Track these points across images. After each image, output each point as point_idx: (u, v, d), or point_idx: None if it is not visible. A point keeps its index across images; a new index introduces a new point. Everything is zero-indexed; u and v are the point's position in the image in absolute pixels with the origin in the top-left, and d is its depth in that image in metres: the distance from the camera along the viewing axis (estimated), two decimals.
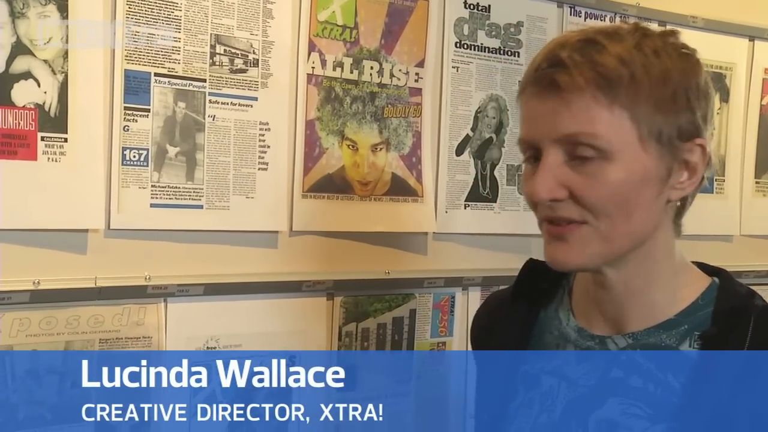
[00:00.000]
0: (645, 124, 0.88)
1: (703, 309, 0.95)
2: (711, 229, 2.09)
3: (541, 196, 0.89)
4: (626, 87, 0.87)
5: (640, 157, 0.89)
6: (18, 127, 1.29)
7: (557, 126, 0.89)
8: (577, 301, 1.03)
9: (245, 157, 1.48)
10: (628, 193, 0.89)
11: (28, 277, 1.31)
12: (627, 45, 0.89)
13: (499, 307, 1.11)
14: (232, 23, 1.46)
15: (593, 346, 0.99)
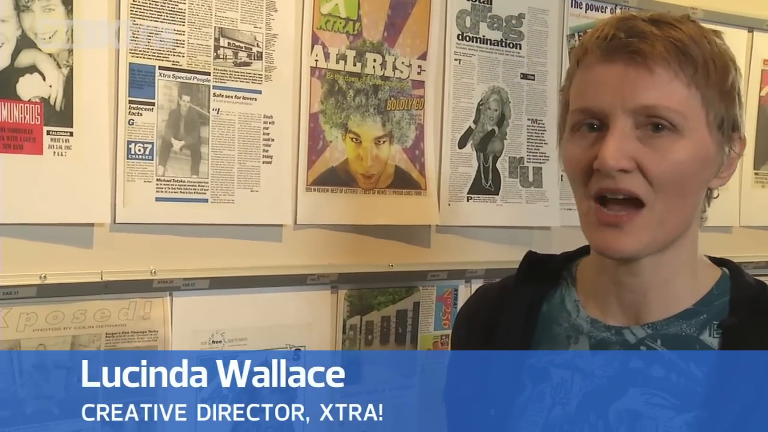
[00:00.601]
0: (712, 109, 0.90)
1: (719, 299, 0.96)
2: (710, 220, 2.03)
3: (611, 165, 0.88)
4: (701, 68, 0.88)
5: (705, 139, 0.90)
6: (24, 121, 1.28)
7: (636, 95, 0.89)
8: (585, 293, 1.03)
9: (250, 150, 1.48)
10: (690, 172, 0.89)
11: (35, 271, 1.30)
12: (694, 30, 0.89)
13: (497, 299, 1.09)
14: (235, 16, 1.46)
15: (609, 338, 0.98)
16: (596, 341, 0.99)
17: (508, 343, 1.04)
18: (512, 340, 1.04)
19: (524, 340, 1.03)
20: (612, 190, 0.90)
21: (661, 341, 0.95)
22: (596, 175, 0.91)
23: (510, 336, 1.04)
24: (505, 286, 1.10)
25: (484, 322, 1.08)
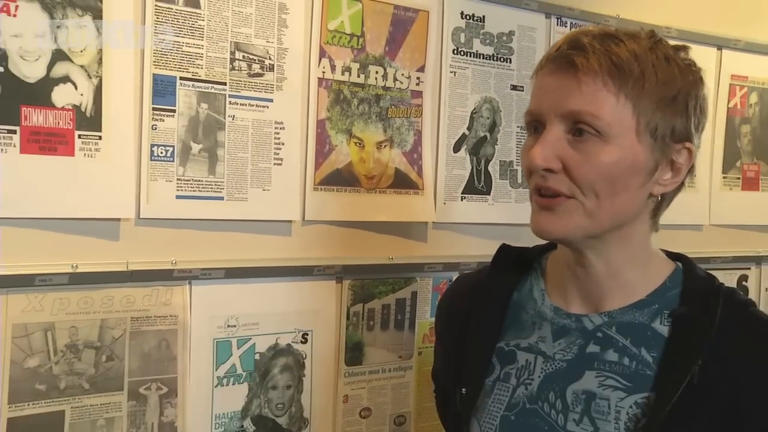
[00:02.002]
0: (645, 117, 0.87)
1: (671, 290, 0.95)
2: (683, 219, 2.08)
3: (537, 164, 0.88)
4: (635, 80, 0.86)
5: (633, 145, 0.88)
6: (58, 126, 1.28)
7: (565, 102, 0.88)
8: (551, 282, 1.02)
9: (262, 153, 1.47)
10: (617, 175, 0.88)
11: (67, 261, 1.30)
12: (642, 45, 0.88)
13: (473, 289, 1.08)
14: (250, 32, 1.44)
15: (570, 324, 0.98)
16: (558, 327, 0.98)
17: (482, 328, 1.03)
18: (485, 325, 1.03)
19: (496, 325, 1.03)
20: (543, 188, 0.91)
21: (616, 328, 0.95)
22: (534, 173, 0.91)
23: (484, 322, 1.04)
24: (480, 276, 1.10)
25: (461, 309, 1.08)
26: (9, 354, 1.26)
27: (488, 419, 0.99)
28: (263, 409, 1.51)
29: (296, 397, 1.56)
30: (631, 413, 0.90)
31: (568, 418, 0.93)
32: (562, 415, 0.94)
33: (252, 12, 1.44)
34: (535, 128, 0.92)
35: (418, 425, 1.72)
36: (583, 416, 0.93)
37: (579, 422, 0.93)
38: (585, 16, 1.89)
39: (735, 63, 2.15)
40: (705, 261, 2.06)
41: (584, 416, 0.93)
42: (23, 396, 1.27)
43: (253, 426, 1.50)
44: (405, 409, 1.71)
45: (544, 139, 0.89)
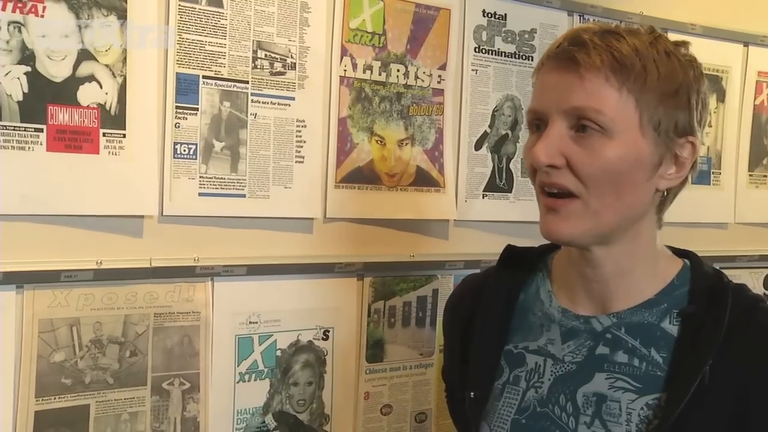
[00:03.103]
0: (647, 112, 0.86)
1: (679, 288, 0.93)
2: (708, 217, 2.06)
3: (541, 161, 0.87)
4: (637, 75, 0.85)
5: (637, 140, 0.87)
6: (83, 125, 1.29)
7: (568, 98, 0.87)
8: (557, 284, 1.00)
9: (284, 151, 1.47)
10: (621, 171, 0.86)
11: (92, 257, 1.31)
12: (643, 41, 0.87)
13: (480, 289, 1.05)
14: (272, 31, 1.44)
15: (578, 326, 0.96)
16: (566, 329, 0.97)
17: (488, 330, 1.02)
18: (492, 327, 1.01)
19: (503, 327, 1.01)
20: (547, 184, 0.89)
21: (625, 329, 0.93)
22: (538, 170, 0.89)
23: (490, 323, 1.02)
24: (487, 276, 1.07)
25: (466, 310, 1.06)
26: (36, 349, 1.27)
27: (499, 423, 0.98)
28: (284, 405, 1.51)
29: (317, 393, 1.55)
30: (642, 415, 0.88)
31: (579, 420, 0.92)
32: (573, 418, 0.93)
33: (274, 11, 1.44)
34: (537, 126, 0.91)
35: (438, 422, 1.71)
36: (594, 419, 0.91)
37: (590, 425, 0.91)
38: (608, 14, 1.87)
39: (762, 59, 2.12)
40: (730, 260, 2.02)
41: (595, 419, 0.91)
42: (50, 390, 1.28)
43: (275, 422, 1.50)
44: (426, 406, 1.70)
45: (547, 136, 0.88)
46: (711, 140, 2.06)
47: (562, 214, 0.89)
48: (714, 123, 2.07)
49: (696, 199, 2.01)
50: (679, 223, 1.92)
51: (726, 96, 2.08)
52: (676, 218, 2.12)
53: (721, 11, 2.05)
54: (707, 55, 2.01)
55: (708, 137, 2.06)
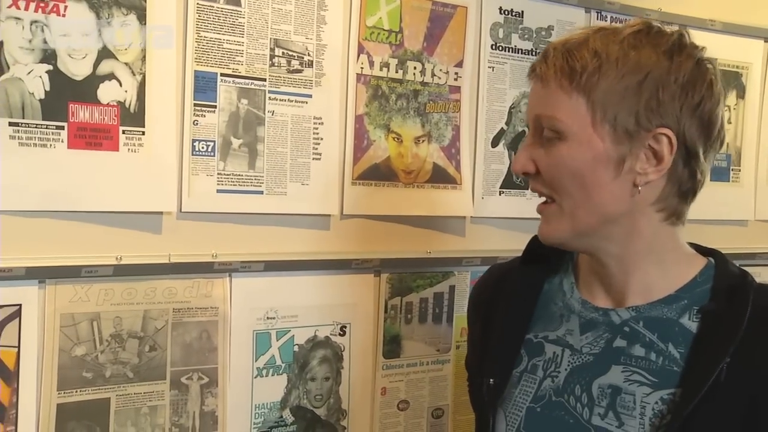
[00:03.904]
0: (600, 108, 0.86)
1: (701, 286, 0.92)
2: (728, 214, 2.03)
3: (515, 169, 0.93)
4: (589, 75, 0.86)
5: (591, 139, 0.87)
6: (103, 122, 1.29)
7: (533, 108, 0.92)
8: (581, 274, 1.00)
9: (301, 148, 1.47)
10: (580, 171, 0.87)
11: (112, 253, 1.32)
12: (613, 39, 0.87)
13: (504, 278, 1.07)
14: (289, 29, 1.44)
15: (597, 318, 0.96)
16: (585, 321, 0.97)
17: (511, 319, 1.02)
18: (515, 316, 1.02)
19: (525, 317, 1.02)
20: (531, 190, 0.95)
21: (644, 323, 0.92)
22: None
23: (513, 312, 1.03)
24: (512, 266, 1.08)
25: (489, 298, 1.07)
26: (57, 342, 1.28)
27: (514, 410, 0.98)
28: (302, 400, 1.51)
29: (334, 388, 1.54)
30: (656, 409, 0.88)
31: (594, 412, 0.92)
32: (588, 408, 0.92)
33: (291, 9, 1.44)
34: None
35: (455, 418, 1.70)
36: (608, 410, 0.91)
37: (604, 416, 0.91)
38: (625, 10, 1.85)
39: None
40: (750, 257, 1.99)
41: (609, 410, 0.91)
42: (71, 383, 1.29)
43: (292, 416, 1.50)
44: (443, 402, 1.69)
45: (522, 145, 0.94)
46: (731, 137, 2.03)
47: (545, 218, 0.93)
48: (734, 120, 2.03)
49: (715, 196, 1.98)
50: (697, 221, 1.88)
51: (746, 92, 2.05)
52: (694, 215, 2.09)
53: (741, 7, 2.02)
54: (727, 52, 1.98)
55: (728, 134, 2.01)
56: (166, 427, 1.37)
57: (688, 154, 0.88)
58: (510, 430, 0.98)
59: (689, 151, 0.87)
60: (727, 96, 1.97)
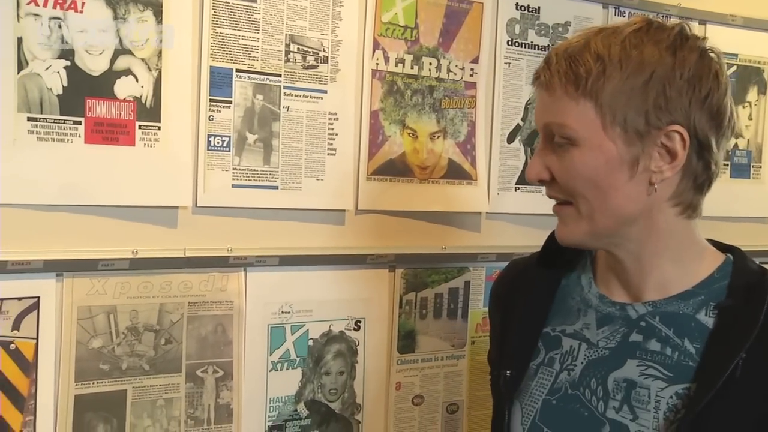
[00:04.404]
0: (609, 111, 0.85)
1: (719, 282, 0.91)
2: (748, 211, 2.00)
3: (530, 177, 0.92)
4: (594, 79, 0.85)
5: (603, 143, 0.86)
6: (119, 117, 1.29)
7: (541, 116, 0.90)
8: (599, 270, 1.00)
9: (316, 143, 1.45)
10: (594, 176, 0.86)
11: (128, 247, 1.31)
12: (614, 40, 0.86)
13: (523, 273, 1.07)
14: (304, 24, 1.42)
15: (614, 312, 0.95)
16: (602, 315, 0.96)
17: (529, 312, 1.02)
18: (533, 309, 1.02)
19: (543, 310, 1.02)
20: (548, 196, 0.94)
21: (660, 318, 0.92)
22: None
23: (531, 306, 1.02)
24: (531, 261, 1.08)
25: (508, 292, 1.08)
26: (75, 335, 1.28)
27: (530, 402, 0.98)
28: (317, 394, 1.49)
29: (349, 383, 1.53)
30: (671, 403, 0.87)
31: (609, 405, 0.91)
32: (603, 402, 0.92)
33: (307, 5, 1.42)
34: None
35: (470, 414, 1.68)
36: (623, 404, 0.90)
37: (619, 410, 0.90)
38: (644, 6, 1.81)
39: None
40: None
41: (624, 404, 0.90)
42: (88, 375, 1.29)
43: (307, 410, 1.49)
44: (458, 397, 1.67)
45: (536, 153, 0.91)
46: (751, 133, 1.98)
47: (562, 220, 0.92)
48: (754, 116, 1.98)
49: (736, 192, 1.94)
50: (717, 217, 1.87)
51: (767, 88, 1.98)
52: (714, 212, 2.04)
53: (762, 1, 1.97)
54: (748, 47, 1.94)
55: (748, 130, 1.97)
56: (182, 420, 1.36)
57: (701, 147, 0.86)
58: (525, 421, 0.98)
59: (702, 144, 0.86)
60: (748, 92, 1.94)
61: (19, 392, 1.24)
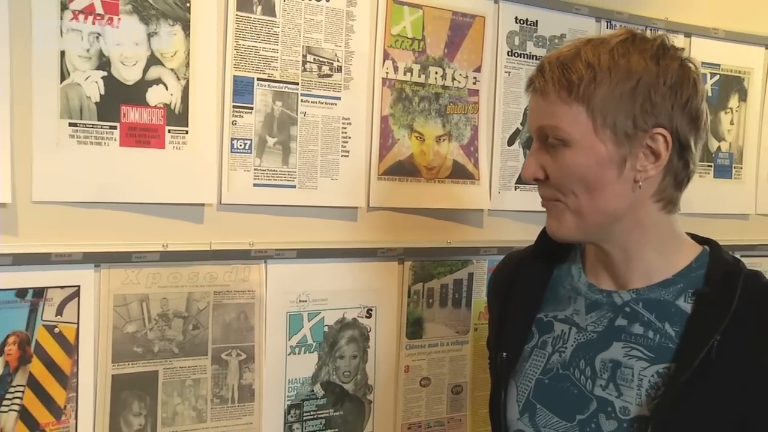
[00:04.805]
0: (600, 115, 0.84)
1: (696, 271, 0.91)
2: (731, 208, 1.97)
3: (525, 175, 0.91)
4: (586, 86, 0.84)
5: (594, 144, 0.85)
6: (151, 122, 1.28)
7: (535, 119, 0.90)
8: (588, 261, 0.99)
9: (330, 146, 1.43)
10: (585, 174, 0.86)
11: (159, 240, 1.31)
12: (602, 50, 0.86)
13: (518, 264, 1.07)
14: (320, 37, 1.40)
15: (601, 299, 0.95)
16: (590, 302, 0.96)
17: (525, 300, 1.02)
18: (528, 297, 1.02)
19: (537, 298, 1.02)
20: (540, 195, 0.93)
21: (643, 304, 0.91)
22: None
23: (526, 294, 1.02)
24: (526, 254, 1.08)
25: (505, 282, 1.07)
26: (111, 320, 1.28)
27: (524, 381, 0.98)
28: (332, 376, 1.48)
29: (361, 366, 1.51)
30: (652, 381, 0.87)
31: (596, 383, 0.92)
32: (591, 380, 0.92)
33: (322, 19, 1.40)
34: None
35: (473, 395, 1.66)
36: (609, 382, 0.91)
37: (605, 387, 0.91)
38: (633, 20, 1.78)
39: None
40: (750, 248, 1.91)
41: (610, 382, 0.90)
42: (124, 357, 1.29)
43: (323, 390, 1.47)
44: (462, 379, 1.64)
45: (530, 154, 0.91)
46: (733, 137, 1.94)
47: (552, 215, 0.91)
48: (736, 121, 1.95)
49: (719, 191, 1.92)
50: (703, 214, 1.84)
51: (748, 95, 1.96)
52: (700, 209, 2.00)
53: (743, 16, 1.95)
54: (730, 58, 1.91)
55: (730, 134, 1.93)
56: (208, 398, 1.35)
57: (681, 147, 0.87)
58: (520, 399, 0.98)
59: (682, 145, 0.87)
60: (730, 99, 1.90)
61: (63, 371, 1.24)
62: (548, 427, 0.94)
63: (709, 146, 1.91)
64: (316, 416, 1.47)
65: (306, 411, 1.45)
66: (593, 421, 0.90)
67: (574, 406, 0.92)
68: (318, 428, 1.47)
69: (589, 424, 0.90)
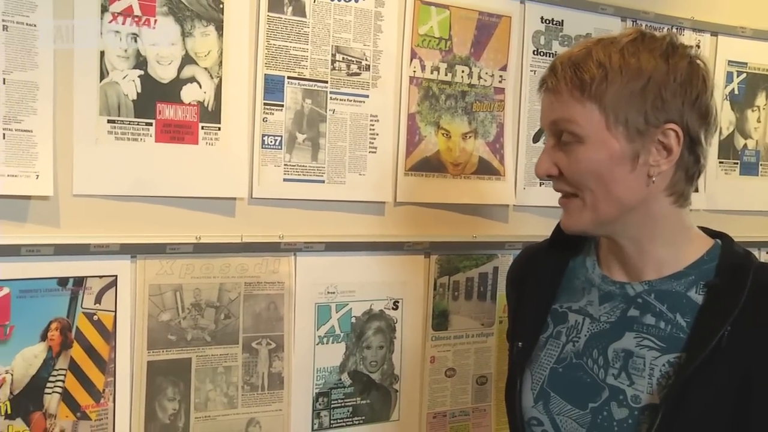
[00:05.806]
0: (612, 113, 0.82)
1: (708, 263, 0.88)
2: (757, 206, 1.85)
3: (538, 173, 0.88)
4: (598, 85, 0.82)
5: (607, 140, 0.82)
6: (185, 119, 1.24)
7: (549, 116, 0.87)
8: (602, 254, 0.96)
9: (358, 142, 1.37)
10: (599, 169, 0.83)
11: (192, 233, 1.27)
12: (613, 49, 0.83)
13: (535, 257, 1.03)
14: (349, 36, 1.34)
15: (614, 291, 0.92)
16: (604, 293, 0.93)
17: (541, 291, 0.99)
18: (544, 288, 0.99)
19: (552, 289, 0.98)
20: (555, 189, 0.90)
21: (655, 295, 0.88)
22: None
23: (542, 285, 0.99)
24: (542, 247, 1.04)
25: (522, 274, 1.05)
26: (147, 309, 1.24)
27: (539, 370, 0.95)
28: (359, 365, 1.41)
29: (388, 356, 1.43)
30: (663, 371, 0.84)
31: (608, 372, 0.88)
32: (603, 369, 0.89)
33: (351, 19, 1.33)
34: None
35: (498, 386, 1.59)
36: (621, 371, 0.88)
37: (617, 376, 0.88)
38: (659, 19, 1.67)
39: None
40: None
41: (622, 371, 0.87)
42: (159, 344, 1.26)
43: (350, 379, 1.41)
44: (486, 370, 1.56)
45: (543, 151, 0.88)
46: (760, 134, 1.82)
47: (568, 211, 0.89)
48: (763, 119, 1.81)
49: (745, 189, 1.82)
50: (729, 211, 1.73)
51: None
52: (726, 206, 1.85)
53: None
54: (757, 56, 1.80)
55: (757, 132, 1.80)
56: (239, 385, 1.30)
57: (692, 142, 0.84)
58: (535, 387, 0.95)
59: (693, 140, 0.84)
60: (757, 97, 1.77)
61: (102, 357, 1.21)
62: (562, 415, 0.91)
63: (736, 144, 1.78)
64: (344, 404, 1.40)
65: (333, 399, 1.39)
66: (605, 408, 0.87)
67: (586, 394, 0.90)
68: (345, 416, 1.40)
69: (601, 411, 0.88)
